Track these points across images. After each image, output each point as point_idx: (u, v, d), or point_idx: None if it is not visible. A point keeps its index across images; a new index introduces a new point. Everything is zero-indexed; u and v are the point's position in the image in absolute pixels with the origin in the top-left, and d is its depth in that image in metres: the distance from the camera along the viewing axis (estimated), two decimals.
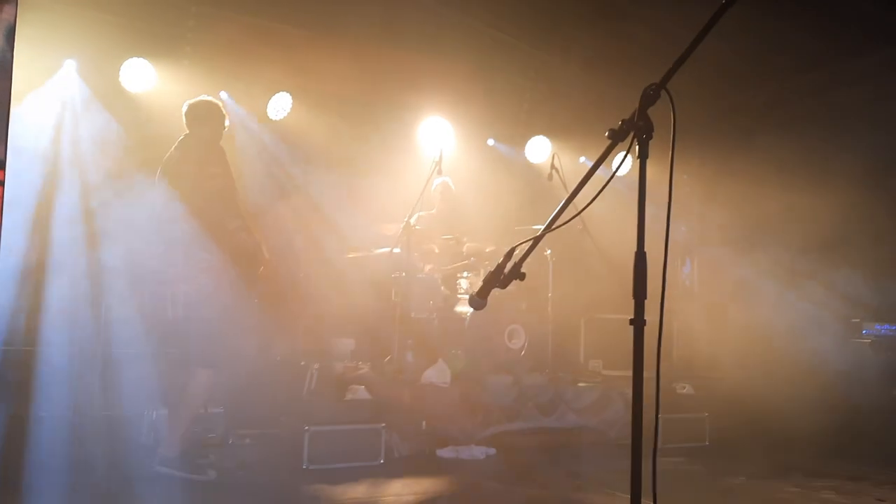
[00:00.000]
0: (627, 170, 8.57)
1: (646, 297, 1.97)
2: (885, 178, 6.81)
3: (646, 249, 2.05)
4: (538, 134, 8.38)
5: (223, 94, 6.94)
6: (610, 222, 7.36)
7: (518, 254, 2.48)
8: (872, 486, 5.03)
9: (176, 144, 4.70)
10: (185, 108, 4.74)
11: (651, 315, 2.04)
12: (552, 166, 6.97)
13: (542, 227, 2.41)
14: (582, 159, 8.43)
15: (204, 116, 4.71)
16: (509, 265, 2.50)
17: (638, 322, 1.97)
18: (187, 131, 4.71)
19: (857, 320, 7.38)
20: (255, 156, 7.06)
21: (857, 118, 7.46)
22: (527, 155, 8.41)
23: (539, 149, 8.33)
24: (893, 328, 7.21)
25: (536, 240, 2.41)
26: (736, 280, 8.35)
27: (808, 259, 7.63)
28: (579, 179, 2.32)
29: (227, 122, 4.82)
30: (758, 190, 8.00)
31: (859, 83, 7.48)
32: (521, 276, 2.53)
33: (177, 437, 4.45)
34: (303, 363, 5.68)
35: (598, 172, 2.24)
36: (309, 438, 4.80)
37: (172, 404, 4.58)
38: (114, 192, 5.58)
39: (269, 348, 5.87)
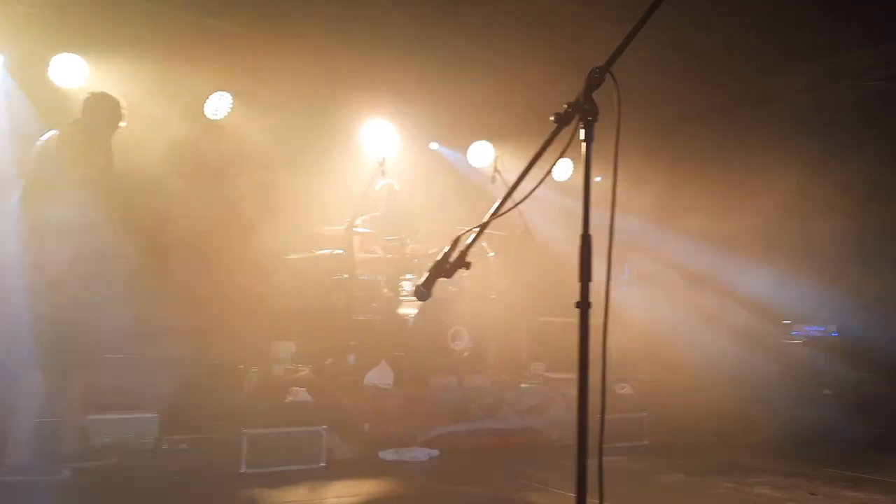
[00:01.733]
0: (569, 175, 8.77)
1: (591, 280, 1.97)
2: (814, 185, 7.04)
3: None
4: (481, 138, 8.43)
5: (158, 91, 6.77)
6: (553, 226, 7.47)
7: (463, 242, 2.46)
8: (805, 481, 5.16)
9: (59, 128, 4.57)
10: (84, 96, 4.68)
11: (597, 318, 2.04)
12: (495, 169, 7.00)
13: (488, 215, 2.39)
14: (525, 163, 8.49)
15: (100, 109, 4.65)
16: (455, 254, 2.47)
17: (584, 304, 1.97)
18: (79, 117, 4.60)
19: (788, 322, 7.63)
20: (191, 153, 6.89)
21: (793, 127, 7.77)
22: (469, 159, 8.45)
23: (482, 153, 8.38)
24: (822, 329, 7.46)
25: (482, 227, 2.39)
26: (674, 285, 8.53)
27: (742, 262, 7.85)
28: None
29: (123, 123, 4.75)
30: (695, 198, 8.23)
31: (799, 93, 7.79)
32: (467, 266, 2.49)
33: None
34: (241, 366, 5.56)
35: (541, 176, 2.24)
36: (247, 442, 4.67)
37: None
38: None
39: (205, 351, 5.74)
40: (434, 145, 8.54)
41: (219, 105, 7.03)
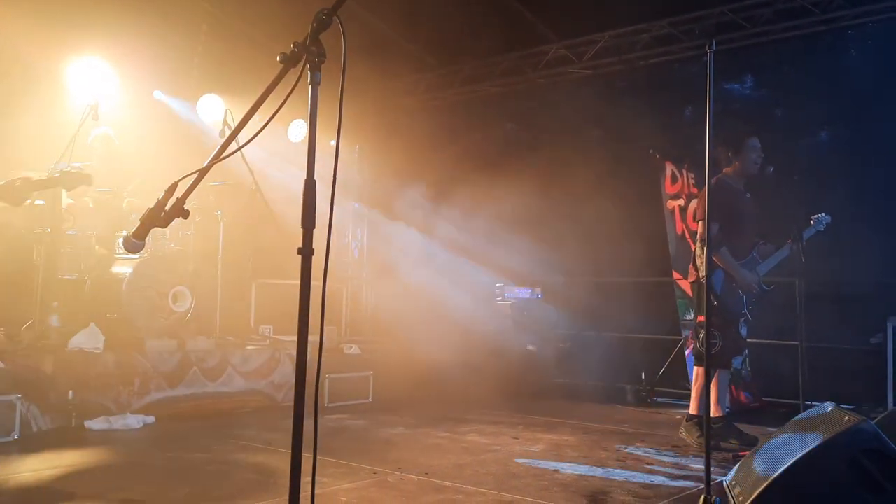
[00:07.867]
0: (303, 137, 8.66)
1: (314, 227, 1.96)
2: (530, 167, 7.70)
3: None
4: (210, 91, 7.99)
5: None
6: (279, 188, 7.32)
7: (181, 189, 2.31)
8: (508, 427, 5.71)
9: None
10: None
11: (332, 284, 2.03)
12: (225, 122, 6.70)
13: (208, 160, 2.26)
14: (256, 118, 8.21)
15: None
16: (171, 201, 2.31)
17: (306, 251, 1.95)
18: None
19: (501, 285, 8.30)
20: None
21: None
22: (198, 112, 7.97)
23: (211, 106, 7.94)
24: (528, 291, 8.24)
25: (202, 173, 2.25)
26: (403, 249, 8.85)
27: (467, 228, 8.37)
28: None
29: None
30: (426, 166, 8.58)
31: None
32: (185, 214, 2.35)
33: None
34: None
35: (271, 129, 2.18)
36: None
37: None
38: None
39: None
40: (159, 94, 7.92)
41: None
